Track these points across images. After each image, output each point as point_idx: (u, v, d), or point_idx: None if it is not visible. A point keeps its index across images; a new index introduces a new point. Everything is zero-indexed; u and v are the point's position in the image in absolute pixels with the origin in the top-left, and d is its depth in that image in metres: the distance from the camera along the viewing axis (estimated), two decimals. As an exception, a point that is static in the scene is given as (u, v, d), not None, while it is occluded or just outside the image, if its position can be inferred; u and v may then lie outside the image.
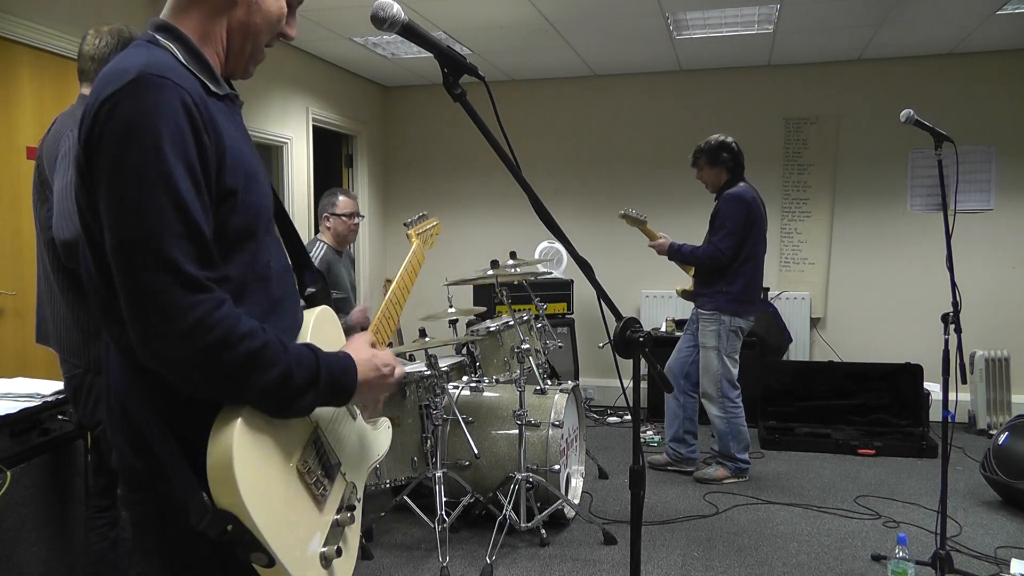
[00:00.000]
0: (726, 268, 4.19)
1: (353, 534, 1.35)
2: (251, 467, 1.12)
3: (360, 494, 1.40)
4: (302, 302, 1.43)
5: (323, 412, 1.31)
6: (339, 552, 1.26)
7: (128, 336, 1.13)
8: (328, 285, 1.50)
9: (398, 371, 1.36)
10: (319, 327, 1.36)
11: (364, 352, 1.31)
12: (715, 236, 4.22)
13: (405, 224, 2.02)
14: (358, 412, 1.46)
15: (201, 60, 1.21)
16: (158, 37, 1.20)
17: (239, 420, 1.12)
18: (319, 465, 1.27)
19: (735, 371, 4.28)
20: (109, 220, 1.08)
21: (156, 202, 1.06)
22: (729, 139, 4.31)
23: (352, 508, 1.34)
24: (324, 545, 1.24)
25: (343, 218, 3.88)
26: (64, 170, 2.11)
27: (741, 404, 4.29)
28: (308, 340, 1.29)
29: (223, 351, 1.08)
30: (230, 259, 1.18)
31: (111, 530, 2.36)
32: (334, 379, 1.21)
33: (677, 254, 4.34)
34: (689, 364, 4.43)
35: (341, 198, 3.89)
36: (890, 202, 5.92)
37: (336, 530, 1.28)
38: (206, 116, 1.13)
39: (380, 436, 1.55)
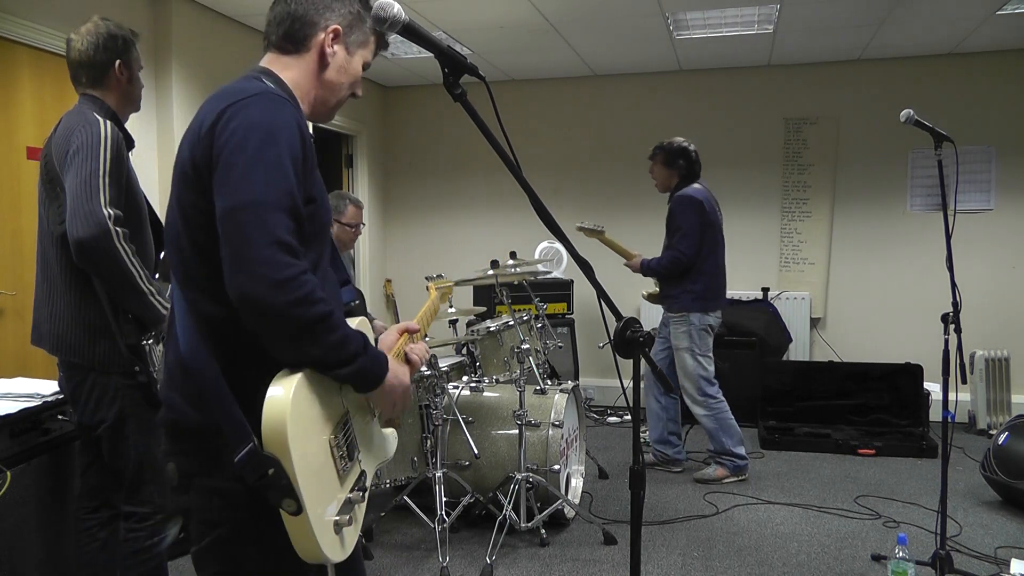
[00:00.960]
0: (690, 268, 4.23)
1: (360, 514, 1.49)
2: (300, 422, 1.29)
3: (368, 483, 1.53)
4: None
5: (352, 401, 1.48)
6: (349, 521, 1.40)
7: (206, 304, 1.36)
8: (365, 301, 1.60)
9: (410, 393, 1.57)
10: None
11: (397, 363, 1.53)
12: (672, 239, 4.29)
13: (427, 278, 2.36)
14: (376, 413, 1.60)
15: (294, 101, 1.46)
16: (262, 78, 1.46)
17: (298, 378, 1.30)
18: (345, 444, 1.44)
19: (711, 369, 4.31)
20: (226, 189, 1.28)
21: (270, 179, 1.28)
22: (691, 147, 4.38)
23: (364, 489, 1.49)
24: (338, 514, 1.38)
25: (347, 227, 3.76)
26: (77, 167, 2.10)
27: (723, 398, 4.32)
28: None
29: (307, 306, 1.27)
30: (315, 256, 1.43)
31: (100, 531, 2.34)
32: (373, 361, 1.41)
33: (649, 270, 4.42)
34: (664, 366, 4.46)
35: (350, 207, 3.77)
36: (890, 202, 5.92)
37: (348, 505, 1.42)
38: (307, 135, 1.38)
39: (389, 440, 1.70)
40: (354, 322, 1.50)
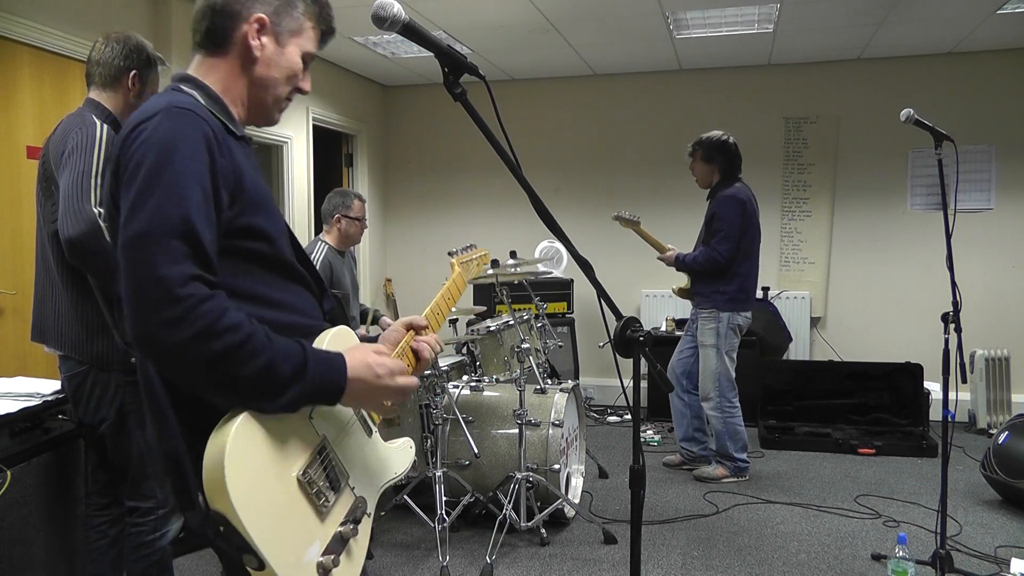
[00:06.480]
0: (724, 270, 4.20)
1: (359, 546, 1.38)
2: (245, 473, 1.16)
3: (371, 508, 1.43)
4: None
5: (331, 426, 1.35)
6: (336, 563, 1.28)
7: None
8: (343, 305, 1.51)
9: (402, 380, 1.36)
10: (332, 344, 1.37)
11: (362, 355, 1.32)
12: (712, 239, 4.23)
13: (449, 253, 2.09)
14: (374, 428, 1.49)
15: (220, 104, 1.36)
16: (181, 86, 1.36)
17: (236, 424, 1.17)
18: (323, 477, 1.30)
19: (733, 369, 4.28)
20: (124, 219, 1.19)
21: (162, 204, 1.17)
22: (730, 139, 4.31)
23: (357, 522, 1.36)
24: (323, 554, 1.27)
25: (356, 220, 3.90)
26: (71, 167, 2.12)
27: (738, 404, 4.29)
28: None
29: (204, 342, 1.14)
30: (263, 282, 1.33)
31: (111, 528, 2.36)
32: (321, 375, 1.25)
33: (684, 266, 4.35)
34: (691, 364, 4.42)
35: (356, 202, 3.91)
36: (890, 202, 5.92)
37: (337, 542, 1.30)
38: (224, 145, 1.28)
39: (398, 455, 1.58)
40: (328, 334, 1.38)
